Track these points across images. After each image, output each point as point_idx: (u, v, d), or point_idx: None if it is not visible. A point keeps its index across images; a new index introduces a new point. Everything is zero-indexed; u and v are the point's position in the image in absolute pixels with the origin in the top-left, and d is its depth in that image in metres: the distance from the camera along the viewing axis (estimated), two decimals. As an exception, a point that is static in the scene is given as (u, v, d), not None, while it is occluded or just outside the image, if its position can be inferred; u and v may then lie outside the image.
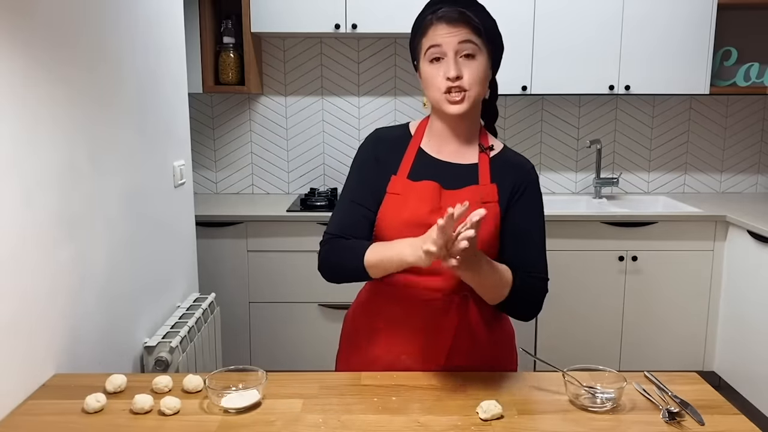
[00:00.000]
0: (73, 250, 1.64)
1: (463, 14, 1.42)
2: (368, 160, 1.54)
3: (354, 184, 1.54)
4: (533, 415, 1.30)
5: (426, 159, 1.52)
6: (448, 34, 1.42)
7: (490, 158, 1.52)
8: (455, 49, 1.42)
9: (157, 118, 2.24)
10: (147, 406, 1.31)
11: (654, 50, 3.31)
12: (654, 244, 3.22)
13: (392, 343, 1.52)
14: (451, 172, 1.50)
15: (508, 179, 1.50)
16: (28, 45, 1.44)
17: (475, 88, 1.43)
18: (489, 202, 1.47)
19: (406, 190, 1.48)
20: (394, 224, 1.46)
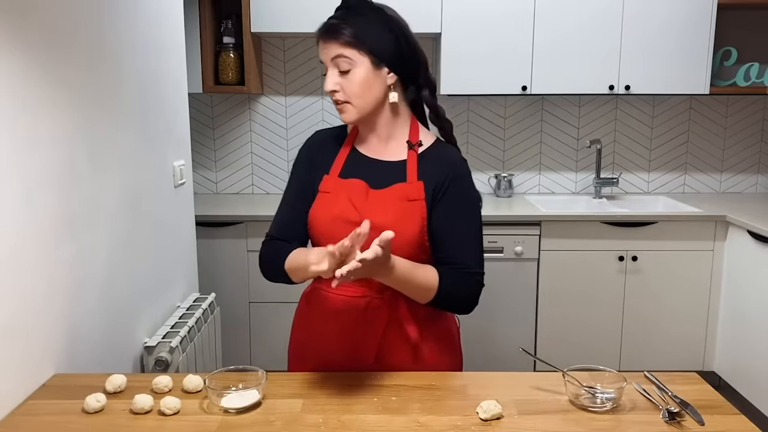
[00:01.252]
0: (73, 250, 1.64)
1: (332, 28, 1.45)
2: (302, 163, 1.60)
3: (289, 187, 1.61)
4: (533, 415, 1.30)
5: (357, 157, 1.55)
6: (323, 50, 1.47)
7: (419, 154, 1.53)
8: (331, 64, 1.46)
9: (157, 118, 2.24)
10: (147, 406, 1.31)
11: (654, 50, 3.31)
12: (654, 244, 3.22)
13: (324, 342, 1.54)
14: (379, 170, 1.52)
15: (436, 175, 1.49)
16: (28, 45, 1.44)
17: (355, 99, 1.46)
18: (415, 199, 1.48)
19: (335, 188, 1.52)
20: (323, 221, 1.50)
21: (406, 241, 1.44)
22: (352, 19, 1.46)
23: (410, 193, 1.48)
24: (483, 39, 3.30)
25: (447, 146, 1.57)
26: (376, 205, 1.47)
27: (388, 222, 1.43)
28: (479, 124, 3.74)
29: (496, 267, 3.23)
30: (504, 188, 3.66)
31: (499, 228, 3.20)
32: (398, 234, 1.41)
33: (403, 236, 1.42)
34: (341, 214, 1.48)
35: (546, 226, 3.21)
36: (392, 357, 1.52)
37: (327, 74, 1.47)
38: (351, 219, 1.46)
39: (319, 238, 1.50)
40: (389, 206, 1.47)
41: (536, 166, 3.78)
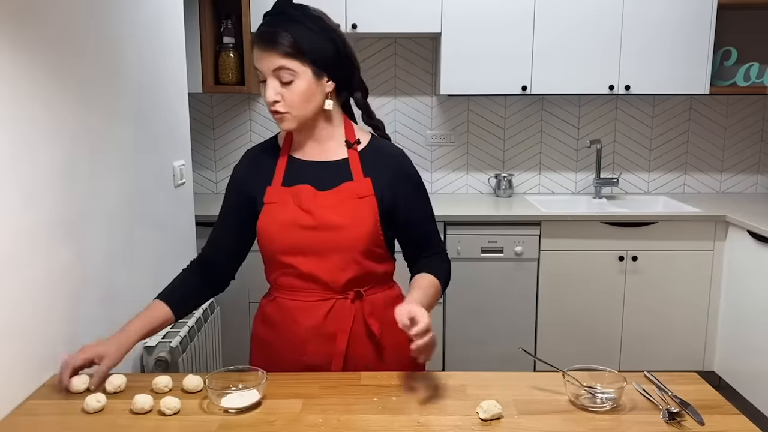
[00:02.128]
0: (73, 250, 1.64)
1: (272, 37, 1.41)
2: (234, 181, 1.61)
3: (222, 207, 1.62)
4: (533, 415, 1.30)
5: (297, 164, 1.55)
6: (260, 60, 1.44)
7: (359, 152, 1.54)
8: (271, 73, 1.43)
9: (157, 118, 2.24)
10: (147, 406, 1.31)
11: (654, 50, 3.31)
12: (654, 244, 3.22)
13: (289, 349, 1.54)
14: (323, 171, 1.52)
15: (381, 171, 1.53)
16: (29, 45, 1.44)
17: (296, 108, 1.45)
18: (365, 196, 1.50)
19: (281, 197, 1.51)
20: (272, 229, 1.50)
21: (361, 237, 1.48)
22: (292, 28, 1.41)
23: (359, 190, 1.50)
24: (483, 39, 3.30)
25: (383, 141, 1.61)
26: (327, 206, 1.48)
27: (343, 221, 1.47)
28: (479, 124, 3.74)
29: (496, 267, 3.23)
30: (504, 188, 3.66)
31: (499, 228, 3.20)
32: (353, 231, 1.47)
33: (358, 233, 1.48)
34: (292, 220, 1.48)
35: (546, 226, 3.21)
36: (359, 356, 1.53)
37: (266, 84, 1.44)
38: (303, 223, 1.48)
39: (271, 246, 1.52)
40: (340, 206, 1.48)
41: (536, 166, 3.78)
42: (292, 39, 1.41)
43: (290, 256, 1.50)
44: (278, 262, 1.53)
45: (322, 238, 1.47)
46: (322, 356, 1.52)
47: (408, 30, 3.28)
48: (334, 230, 1.47)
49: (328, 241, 1.48)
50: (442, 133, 3.75)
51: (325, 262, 1.49)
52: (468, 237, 3.19)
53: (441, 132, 3.75)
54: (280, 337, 1.56)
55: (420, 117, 3.73)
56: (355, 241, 1.48)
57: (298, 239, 1.48)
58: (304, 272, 1.50)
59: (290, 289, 1.54)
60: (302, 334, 1.52)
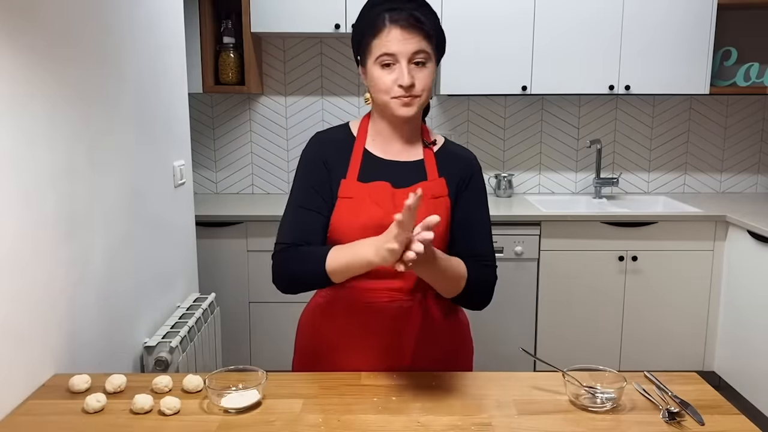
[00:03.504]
0: (73, 249, 1.64)
1: (418, 20, 1.40)
2: (315, 164, 1.50)
3: (302, 190, 1.50)
4: (533, 415, 1.30)
5: (373, 160, 1.51)
6: (402, 42, 1.40)
7: (435, 153, 1.54)
8: (408, 57, 1.40)
9: (157, 118, 2.24)
10: (147, 406, 1.31)
11: (654, 50, 3.31)
12: (654, 244, 3.22)
13: (355, 347, 1.51)
14: (399, 171, 1.50)
15: (454, 172, 1.52)
16: (29, 45, 1.44)
17: (425, 94, 1.44)
18: (440, 196, 1.49)
19: (358, 192, 1.47)
20: (350, 229, 1.45)
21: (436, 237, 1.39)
22: (425, 11, 1.43)
23: (434, 190, 1.49)
24: (483, 39, 3.30)
25: (457, 144, 1.60)
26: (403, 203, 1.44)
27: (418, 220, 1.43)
28: (479, 124, 3.74)
29: (496, 267, 3.22)
30: (504, 188, 3.66)
31: (499, 228, 3.20)
32: None
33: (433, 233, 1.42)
34: (369, 219, 1.44)
35: (546, 226, 3.21)
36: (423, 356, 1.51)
37: (401, 67, 1.39)
38: (380, 223, 1.41)
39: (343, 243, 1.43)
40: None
41: (536, 166, 3.78)
42: (429, 23, 1.42)
43: None
44: None
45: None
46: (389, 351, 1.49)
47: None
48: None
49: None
50: (442, 133, 3.73)
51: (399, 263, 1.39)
52: (468, 237, 3.19)
53: (441, 132, 3.75)
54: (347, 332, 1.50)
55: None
56: None
57: None
58: (376, 271, 1.41)
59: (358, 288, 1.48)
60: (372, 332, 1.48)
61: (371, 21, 1.43)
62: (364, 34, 1.45)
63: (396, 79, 1.41)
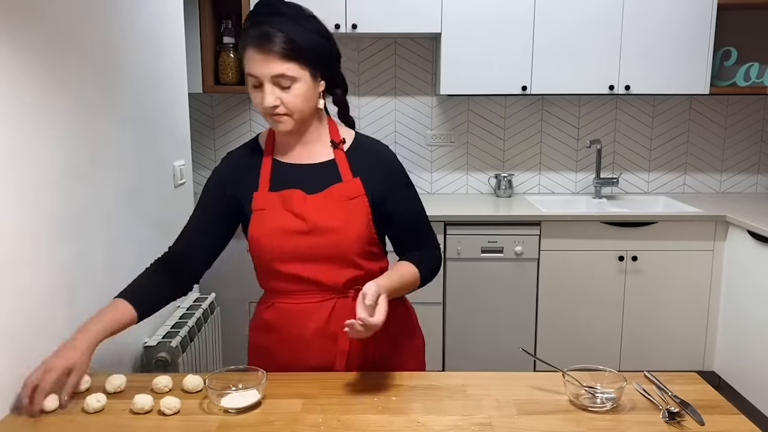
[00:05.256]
0: (73, 249, 1.64)
1: (270, 40, 1.36)
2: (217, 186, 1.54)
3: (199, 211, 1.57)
4: (533, 415, 1.30)
5: (282, 168, 1.51)
6: (261, 64, 1.37)
7: (346, 151, 1.52)
8: (270, 80, 1.38)
9: (157, 118, 2.24)
10: (147, 406, 1.31)
11: (654, 50, 3.31)
12: (654, 244, 3.22)
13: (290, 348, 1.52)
14: (310, 175, 1.49)
15: (371, 170, 1.51)
16: (29, 45, 1.44)
17: (296, 111, 1.43)
18: (356, 197, 1.48)
19: (269, 202, 1.48)
20: (264, 238, 1.47)
21: (354, 238, 1.47)
22: (288, 29, 1.37)
23: (350, 191, 1.48)
24: (483, 39, 3.30)
25: (368, 138, 1.58)
26: (318, 209, 1.46)
27: (336, 223, 1.45)
28: (479, 124, 3.74)
29: (496, 267, 3.23)
30: (504, 188, 3.66)
31: (499, 228, 3.20)
32: (347, 233, 1.45)
33: (350, 234, 1.46)
34: (283, 227, 1.46)
35: (546, 226, 3.21)
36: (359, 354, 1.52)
37: (264, 89, 1.39)
38: (296, 229, 1.45)
39: (266, 254, 1.49)
40: (332, 208, 1.46)
41: (536, 166, 3.78)
42: (291, 42, 1.36)
43: (286, 263, 1.48)
44: (274, 270, 1.50)
45: (317, 242, 1.45)
46: (326, 356, 1.51)
47: (408, 30, 3.28)
48: (328, 234, 1.45)
49: (323, 245, 1.46)
50: (442, 133, 3.75)
51: (323, 266, 1.47)
52: (468, 237, 3.19)
53: (441, 132, 3.75)
54: (283, 341, 1.53)
55: (420, 117, 3.73)
56: (350, 243, 1.46)
57: (293, 246, 1.46)
58: (303, 277, 1.48)
59: (289, 294, 1.51)
60: (307, 337, 1.50)
61: (242, 36, 1.42)
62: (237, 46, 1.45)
63: (262, 99, 1.40)
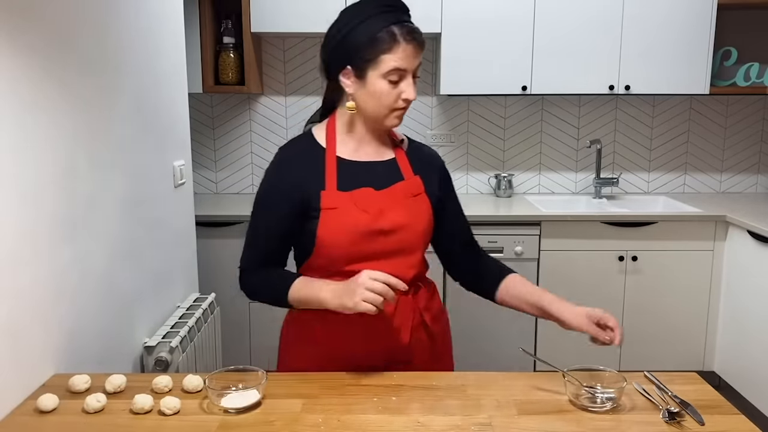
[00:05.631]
0: (73, 249, 1.64)
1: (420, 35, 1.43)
2: (280, 184, 1.49)
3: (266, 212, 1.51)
4: (533, 415, 1.30)
5: (347, 165, 1.49)
6: (413, 58, 1.42)
7: (406, 152, 1.57)
8: (413, 72, 1.43)
9: (157, 118, 2.24)
10: (147, 406, 1.31)
11: (654, 50, 3.31)
12: (654, 244, 3.22)
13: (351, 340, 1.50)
14: (375, 172, 1.51)
15: (428, 169, 1.57)
16: (29, 45, 1.44)
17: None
18: (418, 194, 1.52)
19: (341, 202, 1.45)
20: (339, 239, 1.44)
21: (420, 234, 1.50)
22: None
23: (413, 188, 1.52)
24: (483, 39, 3.30)
25: (419, 142, 1.64)
26: (387, 206, 1.47)
27: (405, 220, 1.47)
28: (479, 124, 3.74)
29: (496, 267, 3.22)
30: (504, 188, 3.66)
31: (499, 228, 3.20)
32: (414, 228, 1.48)
33: (417, 230, 1.49)
34: (360, 227, 1.44)
35: (546, 226, 3.21)
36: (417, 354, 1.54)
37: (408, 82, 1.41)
38: (369, 228, 1.44)
39: (336, 254, 1.45)
40: (399, 205, 1.48)
41: (536, 166, 3.78)
42: None
43: (355, 263, 1.44)
44: (339, 269, 1.46)
45: (388, 240, 1.45)
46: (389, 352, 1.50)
47: (408, 30, 3.28)
48: (399, 231, 1.46)
49: (394, 242, 1.46)
50: (442, 133, 3.75)
51: (390, 263, 1.44)
52: (468, 237, 3.19)
53: (441, 132, 3.75)
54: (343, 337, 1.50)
55: (420, 117, 3.73)
56: (417, 239, 1.50)
57: (369, 246, 1.44)
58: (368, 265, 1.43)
59: None
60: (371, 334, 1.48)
61: (381, 34, 1.39)
62: (369, 46, 1.39)
63: (400, 93, 1.42)
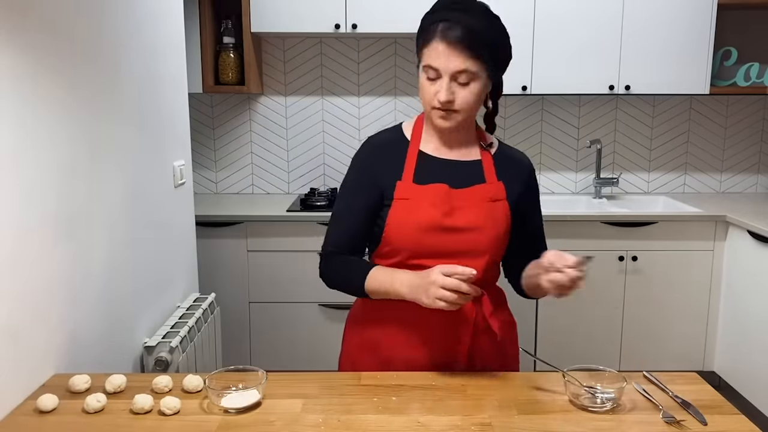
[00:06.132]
0: (73, 249, 1.64)
1: (466, 38, 1.35)
2: (364, 171, 1.51)
3: (350, 197, 1.52)
4: (533, 415, 1.30)
5: (428, 160, 1.50)
6: (446, 58, 1.36)
7: (493, 155, 1.53)
8: (450, 75, 1.38)
9: (157, 118, 2.24)
10: (147, 406, 1.31)
11: (654, 50, 3.31)
12: (654, 244, 3.22)
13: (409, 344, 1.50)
14: (455, 171, 1.49)
15: (513, 176, 1.52)
16: (29, 45, 1.44)
17: (464, 110, 1.42)
18: (498, 199, 1.49)
19: (414, 194, 1.45)
20: (405, 230, 1.44)
21: (495, 239, 1.47)
22: (477, 26, 1.35)
23: (493, 193, 1.48)
24: (483, 39, 3.29)
25: (512, 148, 1.60)
26: (461, 206, 1.45)
27: (478, 222, 1.44)
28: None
29: (496, 267, 3.22)
30: (504, 188, 3.65)
31: (499, 228, 3.19)
32: (487, 233, 1.45)
33: (490, 235, 1.46)
34: (425, 221, 1.43)
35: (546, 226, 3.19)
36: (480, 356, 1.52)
37: (442, 82, 1.38)
38: (437, 224, 1.43)
39: (402, 245, 1.45)
40: (474, 207, 1.46)
41: (536, 166, 3.78)
42: (479, 39, 1.35)
43: (422, 258, 1.44)
44: (403, 261, 1.46)
45: (457, 239, 1.44)
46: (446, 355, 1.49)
47: (408, 30, 3.27)
48: (469, 232, 1.44)
49: (463, 243, 1.44)
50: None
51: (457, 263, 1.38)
52: (468, 237, 3.19)
53: (441, 132, 3.75)
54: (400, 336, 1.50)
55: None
56: (488, 244, 1.45)
57: (434, 241, 1.43)
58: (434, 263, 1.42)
59: None
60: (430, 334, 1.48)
61: (425, 27, 1.41)
62: (420, 37, 1.43)
63: (436, 92, 1.40)
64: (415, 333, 1.49)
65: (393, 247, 1.47)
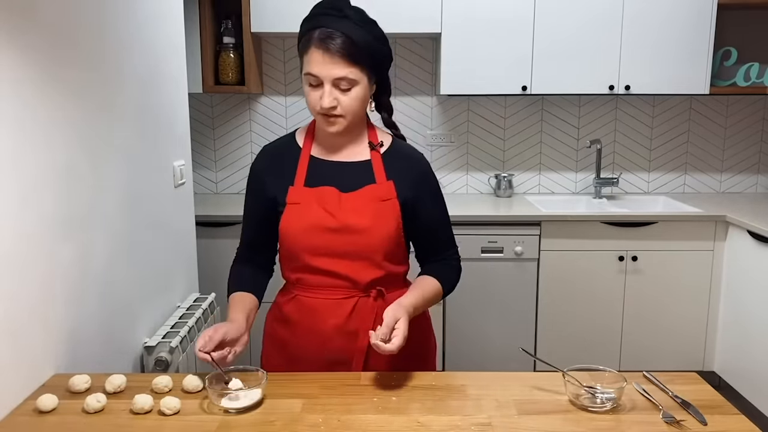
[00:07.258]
0: (73, 249, 1.64)
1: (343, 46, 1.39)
2: (254, 177, 1.59)
3: (249, 202, 1.61)
4: (533, 415, 1.30)
5: (319, 164, 1.54)
6: (324, 65, 1.40)
7: (382, 155, 1.55)
8: (332, 82, 1.41)
9: (157, 118, 2.24)
10: (147, 406, 1.31)
11: (654, 50, 3.31)
12: (654, 244, 3.22)
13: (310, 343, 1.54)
14: (345, 172, 1.53)
15: (404, 174, 1.54)
16: (29, 45, 1.44)
17: (352, 113, 1.46)
18: (388, 199, 1.51)
19: (305, 198, 1.51)
20: (296, 232, 1.50)
21: (383, 239, 1.50)
22: (354, 33, 1.40)
23: (382, 193, 1.51)
24: (483, 39, 3.30)
25: (404, 144, 1.62)
26: (350, 208, 1.49)
27: (365, 223, 1.48)
28: (479, 124, 3.74)
29: (496, 267, 3.23)
30: (504, 188, 3.66)
31: (499, 228, 3.20)
32: (376, 234, 1.48)
33: (380, 235, 1.49)
34: (316, 223, 1.49)
35: (546, 226, 3.21)
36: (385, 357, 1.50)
37: (323, 89, 1.42)
38: (327, 225, 1.48)
39: (295, 247, 1.52)
40: (364, 208, 1.49)
41: (536, 166, 3.78)
42: (356, 45, 1.40)
43: (315, 257, 1.50)
44: (301, 263, 1.53)
45: (347, 240, 1.48)
46: (344, 353, 1.52)
47: (408, 30, 3.28)
48: (358, 233, 1.48)
49: (352, 244, 1.49)
50: (442, 133, 3.75)
51: (349, 263, 1.50)
52: (468, 237, 3.19)
53: (441, 132, 3.75)
54: (301, 335, 1.55)
55: (420, 117, 3.73)
56: (378, 244, 1.49)
57: (323, 241, 1.49)
58: (331, 271, 1.50)
59: (312, 288, 1.54)
60: (327, 332, 1.52)
61: (304, 33, 1.45)
62: (299, 44, 1.47)
63: (320, 98, 1.43)
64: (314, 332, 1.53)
65: (290, 250, 1.53)
